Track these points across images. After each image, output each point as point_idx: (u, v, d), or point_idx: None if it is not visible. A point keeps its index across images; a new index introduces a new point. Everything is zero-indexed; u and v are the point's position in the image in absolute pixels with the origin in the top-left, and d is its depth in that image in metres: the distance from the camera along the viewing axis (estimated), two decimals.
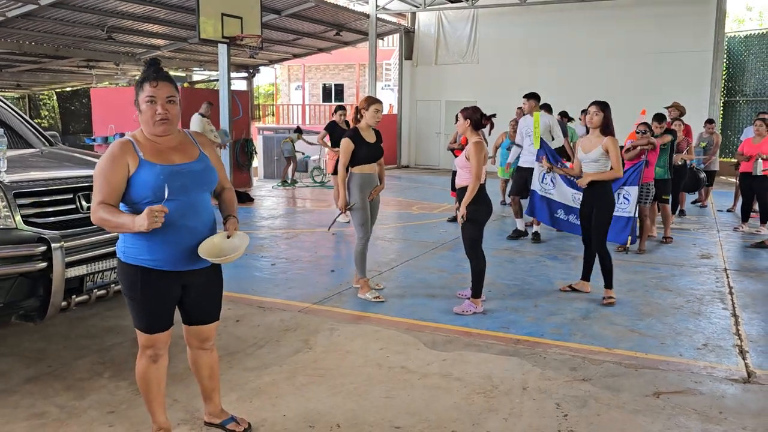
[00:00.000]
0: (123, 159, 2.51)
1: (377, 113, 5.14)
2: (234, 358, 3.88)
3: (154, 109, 2.54)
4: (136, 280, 2.59)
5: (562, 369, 3.78)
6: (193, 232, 2.60)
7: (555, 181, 7.41)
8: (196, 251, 2.59)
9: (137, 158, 2.53)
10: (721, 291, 5.59)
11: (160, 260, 2.57)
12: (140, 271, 2.58)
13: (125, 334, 4.25)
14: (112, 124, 12.60)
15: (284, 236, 8.04)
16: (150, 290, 2.59)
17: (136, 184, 2.52)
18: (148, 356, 2.71)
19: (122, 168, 2.51)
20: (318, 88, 27.29)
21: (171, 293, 2.66)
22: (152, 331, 2.66)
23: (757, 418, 3.18)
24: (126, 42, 15.72)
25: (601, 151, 4.98)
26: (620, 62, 15.92)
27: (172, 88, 2.58)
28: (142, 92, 2.54)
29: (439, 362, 3.87)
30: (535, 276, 6.04)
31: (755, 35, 16.99)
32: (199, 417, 3.11)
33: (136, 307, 2.64)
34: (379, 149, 5.24)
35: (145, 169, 2.52)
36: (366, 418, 3.15)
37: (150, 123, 2.56)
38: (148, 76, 2.54)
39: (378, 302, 5.09)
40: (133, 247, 2.58)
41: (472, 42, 17.93)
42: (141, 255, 2.57)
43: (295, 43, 18.61)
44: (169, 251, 2.57)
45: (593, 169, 5.03)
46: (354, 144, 5.06)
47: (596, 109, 4.99)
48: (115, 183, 2.50)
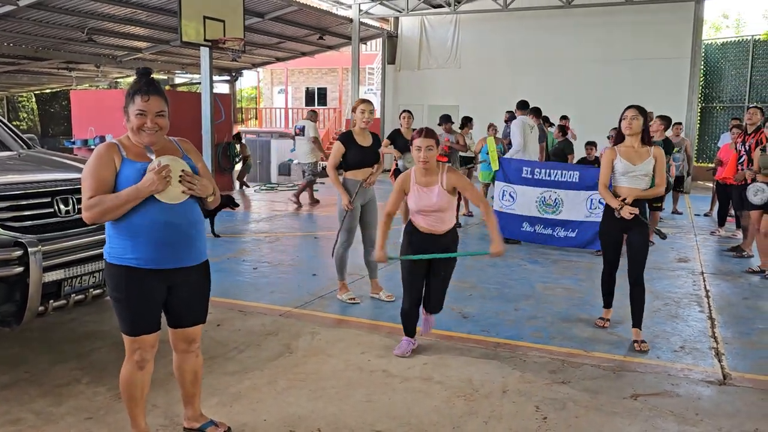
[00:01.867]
0: (110, 156, 2.57)
1: (363, 114, 5.03)
2: (214, 363, 3.86)
3: (143, 121, 2.57)
4: (121, 279, 2.59)
5: (542, 372, 3.81)
6: (176, 230, 2.61)
7: (515, 195, 7.64)
8: (180, 250, 2.62)
9: (121, 157, 2.58)
10: (698, 294, 5.67)
11: (144, 259, 2.57)
12: (125, 271, 2.59)
13: (104, 339, 4.21)
14: (92, 127, 12.46)
15: (267, 240, 8.02)
16: (134, 289, 2.59)
17: (120, 182, 2.55)
18: (134, 362, 2.69)
19: (110, 165, 2.56)
20: (301, 91, 27.24)
21: (156, 293, 2.65)
22: (137, 332, 2.64)
23: (732, 419, 3.24)
24: (107, 44, 15.59)
25: (653, 163, 4.25)
26: (600, 68, 16.12)
27: (162, 103, 2.61)
28: (132, 104, 2.57)
29: (420, 366, 3.88)
30: (516, 280, 6.09)
31: (732, 42, 17.30)
32: (178, 423, 3.09)
33: (121, 308, 2.63)
34: (373, 154, 5.11)
35: (127, 167, 2.56)
36: (347, 422, 3.15)
37: (137, 132, 2.60)
38: (140, 89, 2.56)
39: (353, 303, 5.11)
40: (118, 246, 2.59)
41: (455, 47, 18.05)
42: (126, 254, 2.58)
43: (278, 47, 18.58)
44: (153, 250, 2.58)
45: (644, 185, 4.26)
46: (344, 147, 5.02)
47: (635, 113, 4.24)
48: (104, 178, 2.54)
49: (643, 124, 4.25)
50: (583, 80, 16.16)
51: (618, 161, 4.27)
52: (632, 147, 4.29)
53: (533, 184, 7.57)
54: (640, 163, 4.23)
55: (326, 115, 25.31)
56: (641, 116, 4.24)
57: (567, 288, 5.80)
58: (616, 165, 4.28)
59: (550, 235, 7.52)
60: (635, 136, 4.27)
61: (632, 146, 4.29)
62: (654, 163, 4.25)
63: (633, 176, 4.25)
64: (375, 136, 5.20)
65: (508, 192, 7.79)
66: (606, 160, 4.36)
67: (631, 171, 4.24)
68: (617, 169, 4.29)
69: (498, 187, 7.96)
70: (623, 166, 4.25)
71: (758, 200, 6.20)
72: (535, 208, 7.55)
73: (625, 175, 4.27)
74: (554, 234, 7.49)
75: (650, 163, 4.23)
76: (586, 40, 16.21)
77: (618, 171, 4.29)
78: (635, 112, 4.26)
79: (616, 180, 4.33)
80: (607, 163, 4.34)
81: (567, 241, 7.43)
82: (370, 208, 5.21)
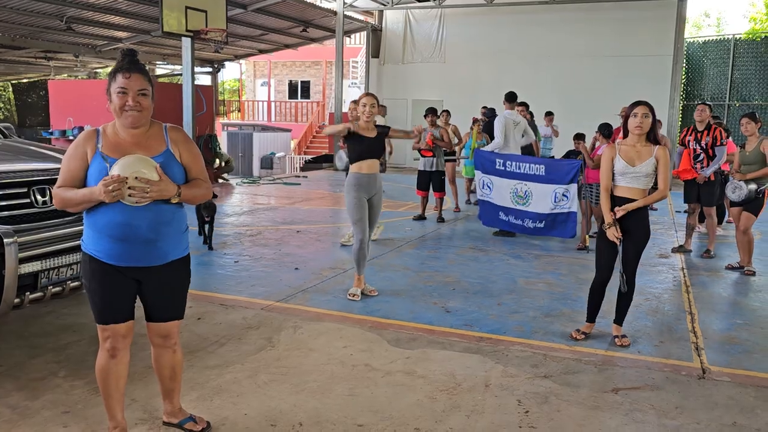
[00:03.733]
0: (83, 147, 2.53)
1: (365, 107, 4.91)
2: (195, 357, 3.82)
3: (125, 100, 2.50)
4: (88, 268, 2.61)
5: (524, 366, 3.82)
6: (134, 232, 2.52)
7: (492, 186, 7.85)
8: (136, 251, 2.55)
9: (95, 149, 2.52)
10: (678, 289, 5.73)
11: (105, 254, 2.56)
12: (92, 261, 2.57)
13: (82, 332, 4.14)
14: (70, 117, 12.29)
15: (248, 233, 7.96)
16: (101, 280, 2.58)
17: (89, 176, 2.51)
18: (106, 350, 2.66)
19: (81, 156, 2.52)
20: (284, 84, 27.09)
21: (122, 285, 2.61)
22: (105, 321, 2.62)
23: (711, 413, 3.27)
24: (86, 33, 15.33)
25: (654, 164, 3.98)
26: (585, 63, 16.21)
27: (144, 81, 2.54)
28: (114, 82, 2.51)
29: (403, 360, 3.87)
30: (499, 274, 6.10)
31: (713, 41, 17.48)
32: (157, 417, 3.05)
33: (91, 296, 2.63)
34: (376, 145, 5.02)
35: (96, 162, 2.50)
36: (329, 416, 3.13)
37: (119, 113, 2.53)
38: (122, 66, 2.51)
39: (352, 300, 5.06)
40: (87, 237, 2.60)
41: (439, 41, 18.03)
42: (92, 245, 2.57)
43: (261, 39, 18.42)
44: (111, 247, 2.54)
45: (643, 185, 4.03)
46: (347, 137, 4.97)
47: (646, 111, 3.95)
48: (73, 169, 2.52)
49: (652, 123, 3.97)
50: (568, 76, 16.24)
51: (617, 160, 4.03)
52: (633, 146, 4.02)
53: (506, 176, 7.81)
54: (640, 163, 3.97)
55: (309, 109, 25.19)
56: (651, 114, 3.96)
57: (549, 283, 5.82)
58: (615, 164, 4.05)
59: (521, 225, 7.77)
60: (641, 136, 4.00)
61: (634, 145, 4.02)
62: (656, 164, 3.97)
63: (633, 177, 4.01)
64: (383, 128, 5.10)
65: (486, 182, 8.05)
66: (606, 159, 4.08)
67: (629, 172, 4.00)
68: (615, 168, 4.05)
69: (477, 176, 8.19)
70: (621, 166, 4.01)
71: (736, 197, 6.27)
72: (509, 199, 7.79)
73: (623, 175, 4.02)
74: (524, 224, 7.73)
75: (650, 165, 3.96)
76: (571, 35, 16.28)
77: (616, 170, 4.06)
78: (646, 109, 3.94)
79: (614, 179, 4.10)
80: (607, 163, 4.07)
81: (535, 231, 7.68)
82: (374, 202, 5.11)
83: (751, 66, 16.27)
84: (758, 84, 16.21)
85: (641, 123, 3.94)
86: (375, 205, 5.12)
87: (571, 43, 16.29)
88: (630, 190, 4.03)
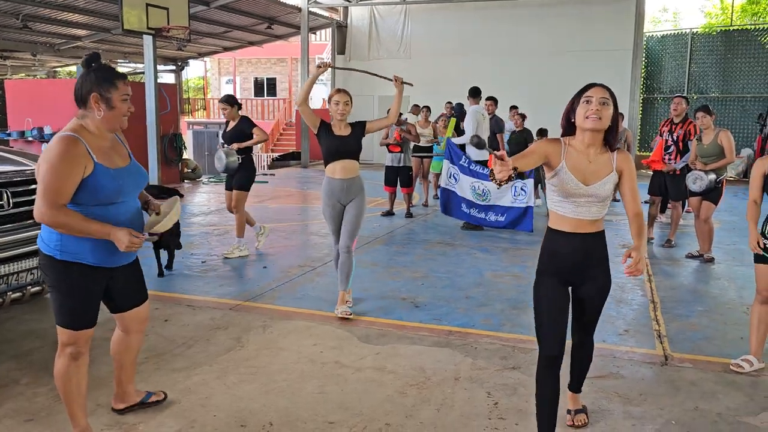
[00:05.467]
0: (82, 160, 2.50)
1: (337, 105, 4.49)
2: (162, 359, 3.77)
3: (127, 106, 2.65)
4: (69, 276, 2.57)
5: (493, 358, 3.87)
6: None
7: (458, 177, 8.08)
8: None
9: (92, 161, 2.53)
10: (640, 279, 5.85)
11: (101, 259, 2.61)
12: (77, 268, 2.56)
13: (44, 338, 4.05)
14: (29, 118, 11.97)
15: (215, 233, 7.87)
16: (84, 286, 2.60)
17: (91, 187, 2.52)
18: (68, 354, 2.66)
19: (80, 170, 2.50)
20: (250, 82, 26.82)
21: (98, 289, 2.68)
22: (78, 327, 2.63)
23: (674, 399, 3.35)
24: (43, 32, 14.95)
25: (615, 180, 2.61)
26: (547, 59, 16.41)
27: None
28: (116, 90, 2.60)
29: (373, 356, 3.88)
30: (467, 268, 6.15)
31: (671, 35, 17.86)
32: (123, 422, 3.00)
33: (63, 303, 2.61)
34: (349, 144, 4.55)
35: (101, 173, 2.54)
36: (299, 415, 3.12)
37: (119, 120, 2.64)
38: (119, 74, 2.65)
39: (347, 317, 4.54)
40: (73, 245, 2.54)
41: (405, 37, 18.06)
42: (81, 253, 2.56)
43: (225, 36, 18.21)
44: (112, 250, 2.60)
45: (596, 215, 2.63)
46: (318, 133, 4.56)
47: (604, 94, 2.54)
48: (71, 184, 2.49)
49: (613, 117, 2.54)
50: (532, 71, 16.41)
51: (562, 173, 2.56)
52: (585, 152, 2.59)
53: (467, 173, 8.06)
54: (596, 182, 2.56)
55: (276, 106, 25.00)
56: (612, 102, 2.54)
57: (516, 275, 5.90)
58: (558, 178, 2.58)
59: (483, 218, 7.99)
60: (597, 133, 2.56)
61: (585, 151, 2.59)
62: (617, 180, 2.62)
63: (585, 202, 2.59)
64: (358, 124, 4.63)
65: (452, 172, 8.21)
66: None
67: (580, 194, 2.57)
68: (555, 183, 2.60)
69: (445, 165, 8.33)
70: (568, 182, 2.56)
71: (697, 187, 6.42)
72: (470, 194, 8.03)
73: (569, 198, 2.59)
74: (486, 218, 7.96)
75: (610, 183, 2.58)
76: (535, 31, 16.47)
77: (557, 188, 2.61)
78: (605, 93, 2.53)
79: (554, 201, 2.67)
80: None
81: (497, 223, 7.90)
82: (349, 209, 4.59)
83: (707, 59, 16.68)
84: (715, 77, 16.62)
85: (598, 113, 2.49)
86: (350, 212, 4.57)
87: (535, 38, 16.48)
88: (577, 223, 2.60)
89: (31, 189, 3.78)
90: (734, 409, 3.24)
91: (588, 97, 2.55)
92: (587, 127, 2.55)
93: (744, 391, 3.45)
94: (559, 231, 2.67)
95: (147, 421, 3.03)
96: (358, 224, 4.63)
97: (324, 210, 4.69)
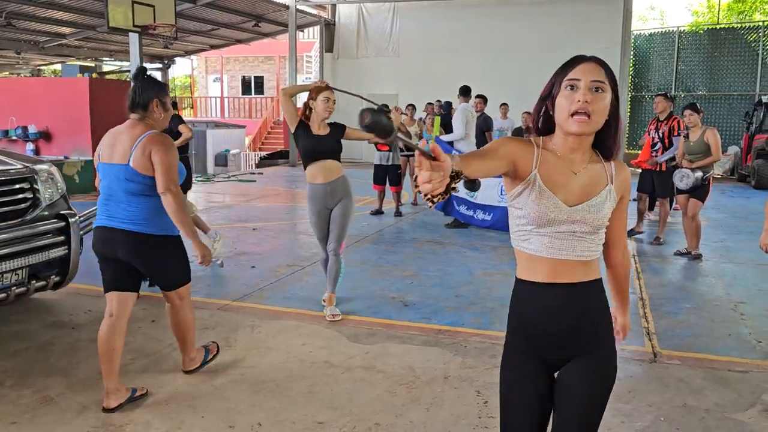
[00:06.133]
0: None
1: (327, 102, 4.30)
2: (149, 361, 3.73)
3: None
4: (181, 244, 3.30)
5: (482, 357, 3.86)
6: None
7: None
8: None
9: None
10: (629, 276, 5.87)
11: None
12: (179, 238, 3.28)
13: (30, 340, 4.00)
14: (13, 117, 11.82)
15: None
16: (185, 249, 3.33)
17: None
18: (189, 302, 3.41)
19: None
20: (237, 80, 26.68)
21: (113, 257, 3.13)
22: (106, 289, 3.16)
23: (662, 395, 3.36)
24: (28, 29, 14.78)
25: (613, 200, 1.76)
26: (535, 57, 16.41)
27: None
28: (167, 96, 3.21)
29: (362, 355, 3.86)
30: (456, 267, 6.15)
31: (658, 33, 17.98)
32: (110, 423, 2.96)
33: (184, 265, 3.37)
34: (328, 143, 4.38)
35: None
36: (288, 415, 3.10)
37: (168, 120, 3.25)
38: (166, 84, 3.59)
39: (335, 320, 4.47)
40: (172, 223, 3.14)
41: (393, 35, 18.04)
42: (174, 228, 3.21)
43: (212, 34, 18.10)
44: None
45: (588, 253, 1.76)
46: (296, 132, 4.37)
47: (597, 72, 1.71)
48: None
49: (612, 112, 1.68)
50: (521, 69, 16.44)
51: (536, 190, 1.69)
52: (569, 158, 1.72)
53: None
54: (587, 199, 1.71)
55: (264, 104, 24.90)
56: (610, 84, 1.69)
57: (506, 274, 5.89)
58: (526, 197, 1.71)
59: (471, 216, 7.97)
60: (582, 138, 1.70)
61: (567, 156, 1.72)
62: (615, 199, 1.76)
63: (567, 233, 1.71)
64: (338, 126, 4.44)
65: None
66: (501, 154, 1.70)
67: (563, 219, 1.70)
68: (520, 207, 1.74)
69: None
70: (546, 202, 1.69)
71: (684, 185, 6.46)
72: (462, 190, 7.90)
73: (547, 225, 1.71)
74: (474, 216, 7.94)
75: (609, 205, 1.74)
76: (523, 29, 16.52)
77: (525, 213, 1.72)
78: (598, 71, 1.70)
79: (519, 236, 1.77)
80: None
81: (483, 223, 7.88)
82: (335, 212, 4.47)
83: (694, 57, 16.80)
84: (702, 75, 16.75)
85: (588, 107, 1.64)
86: (337, 216, 4.45)
87: (524, 36, 16.53)
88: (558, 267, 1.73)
89: (14, 189, 3.73)
90: (722, 406, 3.25)
91: (573, 80, 1.66)
92: (572, 131, 1.64)
93: (732, 388, 3.47)
94: (530, 282, 1.75)
95: (135, 421, 2.99)
96: (346, 227, 4.52)
97: (309, 217, 4.56)
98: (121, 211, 3.05)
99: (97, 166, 3.15)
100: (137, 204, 3.05)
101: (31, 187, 3.91)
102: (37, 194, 3.92)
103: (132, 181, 3.01)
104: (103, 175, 3.11)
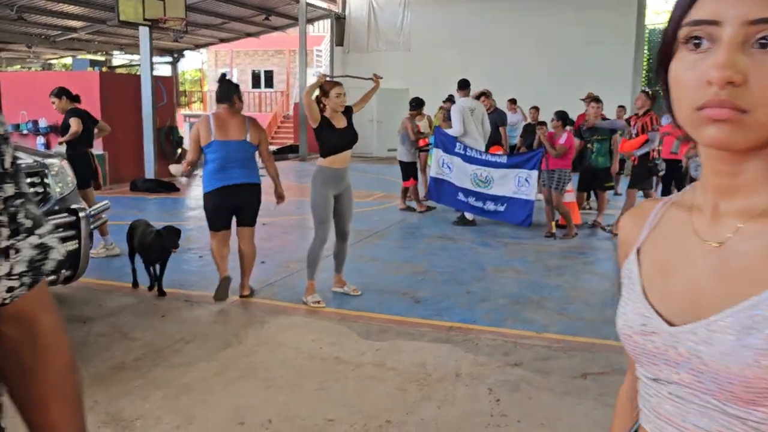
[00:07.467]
0: None
1: (339, 97, 4.65)
2: (159, 356, 3.72)
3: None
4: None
5: (494, 354, 3.82)
6: None
7: (452, 166, 7.92)
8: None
9: None
10: None
11: None
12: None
13: None
14: (23, 111, 11.86)
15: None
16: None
17: None
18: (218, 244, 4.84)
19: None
20: (247, 74, 26.65)
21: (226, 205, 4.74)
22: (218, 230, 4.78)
23: None
24: (38, 23, 14.80)
25: None
26: (547, 52, 16.31)
27: None
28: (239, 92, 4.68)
29: (373, 352, 3.83)
30: (468, 263, 6.10)
31: None
32: (120, 418, 2.95)
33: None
34: (351, 135, 4.76)
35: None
36: (298, 412, 3.07)
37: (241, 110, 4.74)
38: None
39: (318, 307, 4.64)
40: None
41: (404, 29, 17.95)
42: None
43: (222, 28, 18.07)
44: None
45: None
46: (319, 126, 4.64)
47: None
48: None
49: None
50: (532, 63, 16.31)
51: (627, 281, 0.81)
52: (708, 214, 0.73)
53: (466, 161, 7.85)
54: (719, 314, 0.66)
55: (273, 99, 24.89)
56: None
57: (518, 270, 5.85)
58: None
59: (481, 207, 7.80)
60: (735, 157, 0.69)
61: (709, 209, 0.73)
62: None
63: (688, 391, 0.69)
64: (347, 110, 4.80)
65: (445, 161, 8.05)
66: None
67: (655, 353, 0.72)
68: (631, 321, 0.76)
69: (436, 154, 8.16)
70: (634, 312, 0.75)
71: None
72: (469, 182, 7.83)
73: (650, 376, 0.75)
74: (485, 207, 7.77)
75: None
76: (535, 24, 16.35)
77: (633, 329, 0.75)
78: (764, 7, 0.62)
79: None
80: None
81: (495, 215, 7.74)
82: (344, 198, 4.80)
83: None
84: None
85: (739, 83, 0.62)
86: (346, 201, 4.82)
87: (535, 31, 16.37)
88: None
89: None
90: None
91: (702, 23, 0.67)
92: (705, 142, 0.68)
93: None
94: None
95: (145, 416, 2.98)
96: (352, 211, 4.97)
97: (316, 200, 4.73)
98: (242, 172, 4.64)
99: (210, 143, 4.51)
100: (252, 165, 4.71)
101: (42, 181, 3.90)
102: (48, 189, 3.91)
103: (249, 150, 4.60)
104: (217, 149, 4.53)
